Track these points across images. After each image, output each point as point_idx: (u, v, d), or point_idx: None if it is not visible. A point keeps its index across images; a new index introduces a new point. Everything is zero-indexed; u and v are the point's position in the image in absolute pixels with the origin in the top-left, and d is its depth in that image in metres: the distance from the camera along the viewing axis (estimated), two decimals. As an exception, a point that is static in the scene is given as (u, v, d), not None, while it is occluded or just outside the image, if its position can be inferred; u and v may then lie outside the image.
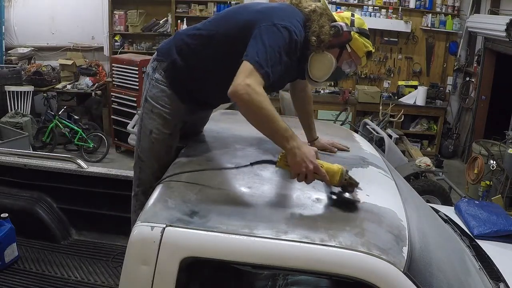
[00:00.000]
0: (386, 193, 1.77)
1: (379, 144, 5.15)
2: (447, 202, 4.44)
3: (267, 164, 1.70)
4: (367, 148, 2.27)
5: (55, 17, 7.39)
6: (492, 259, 2.25)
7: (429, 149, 7.49)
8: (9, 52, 7.35)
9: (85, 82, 7.11)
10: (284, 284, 2.05)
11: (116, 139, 6.78)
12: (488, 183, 5.27)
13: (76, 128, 6.47)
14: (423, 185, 4.59)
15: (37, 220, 2.83)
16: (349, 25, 1.86)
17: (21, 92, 6.58)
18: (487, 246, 2.43)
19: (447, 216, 2.70)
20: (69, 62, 7.31)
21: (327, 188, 1.68)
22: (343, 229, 1.43)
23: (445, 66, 7.69)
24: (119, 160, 6.57)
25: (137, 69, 6.31)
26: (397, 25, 7.34)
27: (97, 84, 7.18)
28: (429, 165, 4.89)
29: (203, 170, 1.72)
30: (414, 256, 1.42)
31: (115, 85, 6.67)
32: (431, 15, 7.38)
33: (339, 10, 7.54)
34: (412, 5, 7.35)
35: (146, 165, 1.96)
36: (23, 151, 3.31)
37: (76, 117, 6.66)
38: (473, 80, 7.34)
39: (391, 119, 6.27)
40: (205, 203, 1.52)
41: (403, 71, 7.75)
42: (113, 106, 6.70)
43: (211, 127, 2.20)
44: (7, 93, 6.50)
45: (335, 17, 1.88)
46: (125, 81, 6.50)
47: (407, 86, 7.59)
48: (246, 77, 1.57)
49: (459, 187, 5.29)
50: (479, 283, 1.91)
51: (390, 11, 7.33)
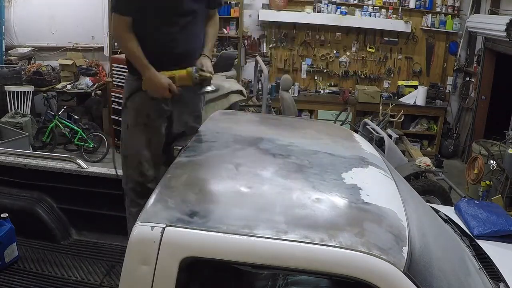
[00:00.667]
0: (386, 193, 1.76)
1: (379, 144, 5.15)
2: (447, 202, 4.44)
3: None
4: (367, 148, 2.27)
5: (55, 17, 7.38)
6: (492, 259, 2.25)
7: (429, 149, 7.49)
8: (9, 52, 7.34)
9: (85, 82, 7.10)
10: (284, 284, 2.05)
11: (116, 139, 6.76)
12: (488, 183, 5.27)
13: (76, 128, 6.47)
14: (423, 185, 4.59)
15: (37, 220, 2.83)
16: None
17: (21, 92, 6.58)
18: (487, 246, 2.43)
19: (447, 216, 2.70)
20: (69, 62, 7.30)
21: (327, 187, 1.68)
22: (343, 229, 1.44)
23: (445, 66, 7.69)
24: (119, 160, 6.54)
25: (137, 69, 6.29)
26: (397, 25, 7.34)
27: (97, 84, 7.17)
28: (429, 165, 4.89)
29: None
30: (414, 256, 1.42)
31: (115, 85, 6.65)
32: (431, 15, 7.38)
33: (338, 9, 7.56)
34: (412, 5, 7.36)
35: (129, 161, 2.06)
36: (23, 151, 3.31)
37: (76, 117, 6.66)
38: (473, 80, 7.34)
39: (391, 119, 6.28)
40: (205, 203, 1.53)
41: (403, 71, 7.75)
42: (113, 106, 6.68)
43: (211, 127, 2.20)
44: (7, 93, 6.50)
45: None
46: (125, 81, 6.48)
47: (407, 86, 7.59)
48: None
49: (459, 187, 5.29)
50: (479, 283, 1.91)
51: (390, 11, 7.33)
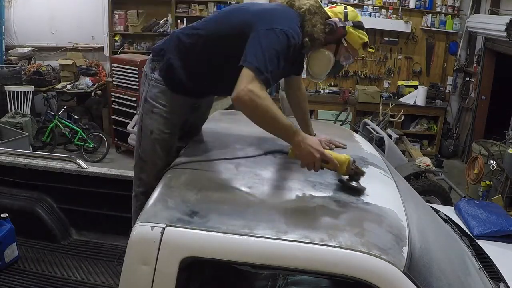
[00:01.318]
0: (386, 193, 1.77)
1: (379, 144, 5.15)
2: (447, 202, 4.44)
3: (280, 154, 1.83)
4: (367, 148, 2.27)
5: (55, 17, 7.38)
6: (492, 259, 2.25)
7: (429, 149, 7.49)
8: (9, 52, 7.33)
9: (85, 82, 7.10)
10: (284, 284, 2.05)
11: (116, 139, 6.77)
12: (488, 183, 5.27)
13: (76, 128, 6.47)
14: (423, 185, 4.59)
15: (37, 220, 2.82)
16: (342, 20, 1.88)
17: (21, 92, 6.58)
18: (487, 246, 2.43)
19: (447, 216, 2.70)
20: (69, 62, 7.30)
21: (327, 187, 1.68)
22: (343, 229, 1.44)
23: (445, 66, 7.68)
24: (119, 160, 6.56)
25: (137, 69, 6.31)
26: (397, 25, 7.33)
27: (97, 84, 7.17)
28: (429, 165, 4.89)
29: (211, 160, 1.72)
30: (414, 256, 1.42)
31: (115, 85, 6.67)
32: (431, 15, 7.37)
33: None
34: (412, 5, 7.35)
35: (147, 166, 1.96)
36: (23, 151, 3.31)
37: (76, 117, 6.65)
38: (473, 80, 7.34)
39: (391, 119, 6.27)
40: (205, 203, 1.52)
41: (403, 71, 7.75)
42: (113, 106, 6.69)
43: (211, 127, 2.20)
44: (7, 93, 6.49)
45: (329, 14, 1.90)
46: (125, 81, 6.49)
47: (407, 86, 7.58)
48: (248, 83, 1.60)
49: (459, 187, 5.29)
50: (479, 283, 1.91)
51: (390, 11, 7.33)
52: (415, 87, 7.48)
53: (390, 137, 5.50)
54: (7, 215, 2.60)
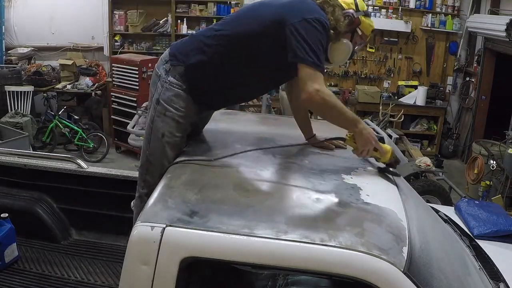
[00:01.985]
0: (386, 193, 1.76)
1: (379, 144, 5.14)
2: (447, 202, 4.44)
3: (338, 140, 2.04)
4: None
5: (55, 17, 7.38)
6: (492, 259, 2.25)
7: (429, 149, 7.49)
8: (9, 52, 7.34)
9: (85, 82, 7.10)
10: (284, 284, 2.05)
11: (116, 139, 6.78)
12: (488, 183, 5.27)
13: (76, 128, 6.47)
14: (423, 185, 4.59)
15: (37, 220, 2.82)
16: (355, 10, 1.93)
17: (21, 92, 6.58)
18: (487, 246, 2.43)
19: (447, 216, 2.69)
20: (69, 62, 7.30)
21: (327, 187, 1.68)
22: (343, 229, 1.43)
23: (445, 66, 7.69)
24: (119, 160, 6.57)
25: (137, 69, 6.31)
26: (397, 25, 7.34)
27: (97, 84, 7.17)
28: (429, 165, 4.89)
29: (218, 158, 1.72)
30: (414, 256, 1.41)
31: (115, 85, 6.67)
32: (431, 15, 7.38)
33: None
34: (412, 5, 7.36)
35: (154, 168, 1.93)
36: (23, 151, 3.31)
37: (76, 117, 6.66)
38: (473, 80, 7.34)
39: (391, 119, 6.28)
40: (205, 203, 1.52)
41: (403, 71, 7.75)
42: (113, 106, 6.70)
43: (211, 127, 2.20)
44: (7, 93, 6.50)
45: (343, 5, 1.94)
46: (125, 81, 6.50)
47: (407, 86, 7.59)
48: (313, 83, 1.71)
49: (459, 187, 5.29)
50: (479, 283, 1.91)
51: (390, 11, 7.34)
52: (415, 87, 7.49)
53: (390, 137, 5.50)
54: (7, 215, 2.60)
